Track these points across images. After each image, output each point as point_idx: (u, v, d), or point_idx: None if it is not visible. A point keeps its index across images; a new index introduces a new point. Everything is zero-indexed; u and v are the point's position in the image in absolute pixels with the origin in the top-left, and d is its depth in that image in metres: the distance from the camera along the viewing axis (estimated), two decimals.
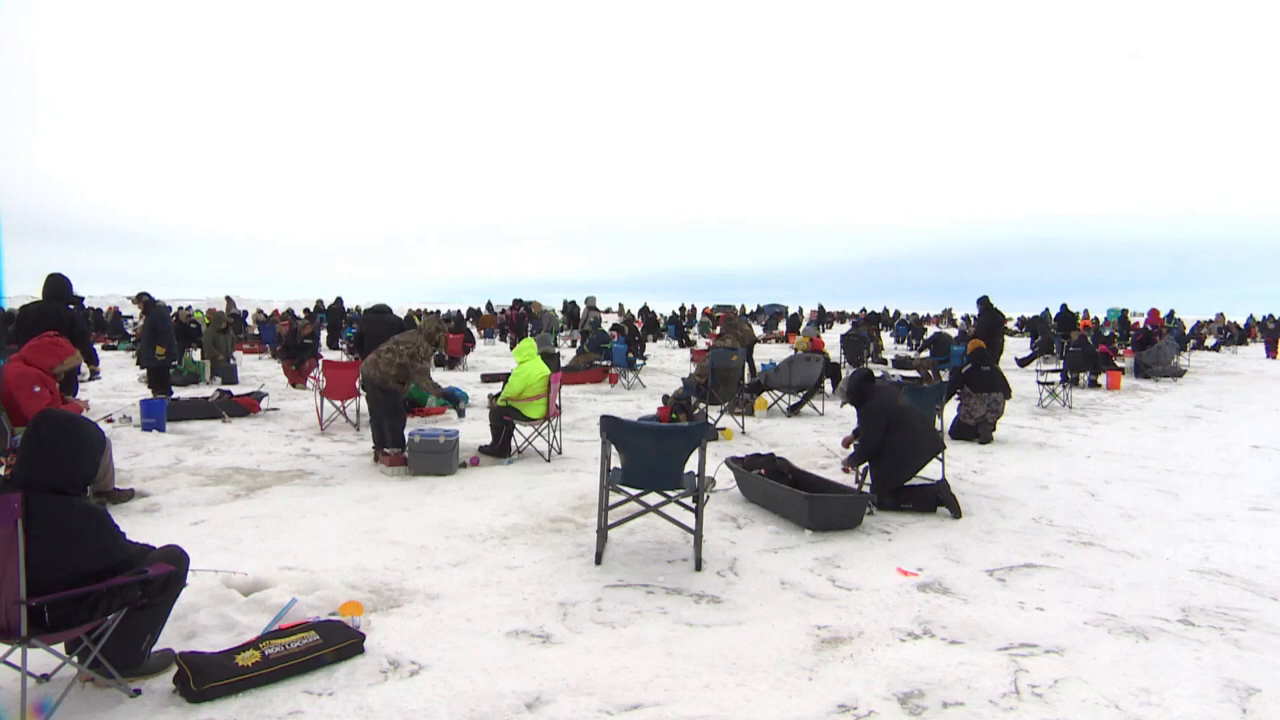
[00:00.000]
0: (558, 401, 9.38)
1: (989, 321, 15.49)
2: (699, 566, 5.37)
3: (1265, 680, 3.88)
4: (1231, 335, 35.27)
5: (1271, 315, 36.34)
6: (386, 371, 8.20)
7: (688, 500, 5.51)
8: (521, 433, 9.17)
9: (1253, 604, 4.87)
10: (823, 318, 43.01)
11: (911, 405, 7.26)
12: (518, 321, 28.88)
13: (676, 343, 29.33)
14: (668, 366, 19.89)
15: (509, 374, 9.48)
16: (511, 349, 17.68)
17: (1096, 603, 4.85)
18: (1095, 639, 4.34)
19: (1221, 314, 41.27)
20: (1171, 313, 36.50)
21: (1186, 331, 32.08)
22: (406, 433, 8.34)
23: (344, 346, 23.35)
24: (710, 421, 10.59)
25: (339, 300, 29.91)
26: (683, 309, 45.41)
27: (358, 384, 9.14)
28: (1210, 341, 33.49)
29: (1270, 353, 27.33)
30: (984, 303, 15.76)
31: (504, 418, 8.86)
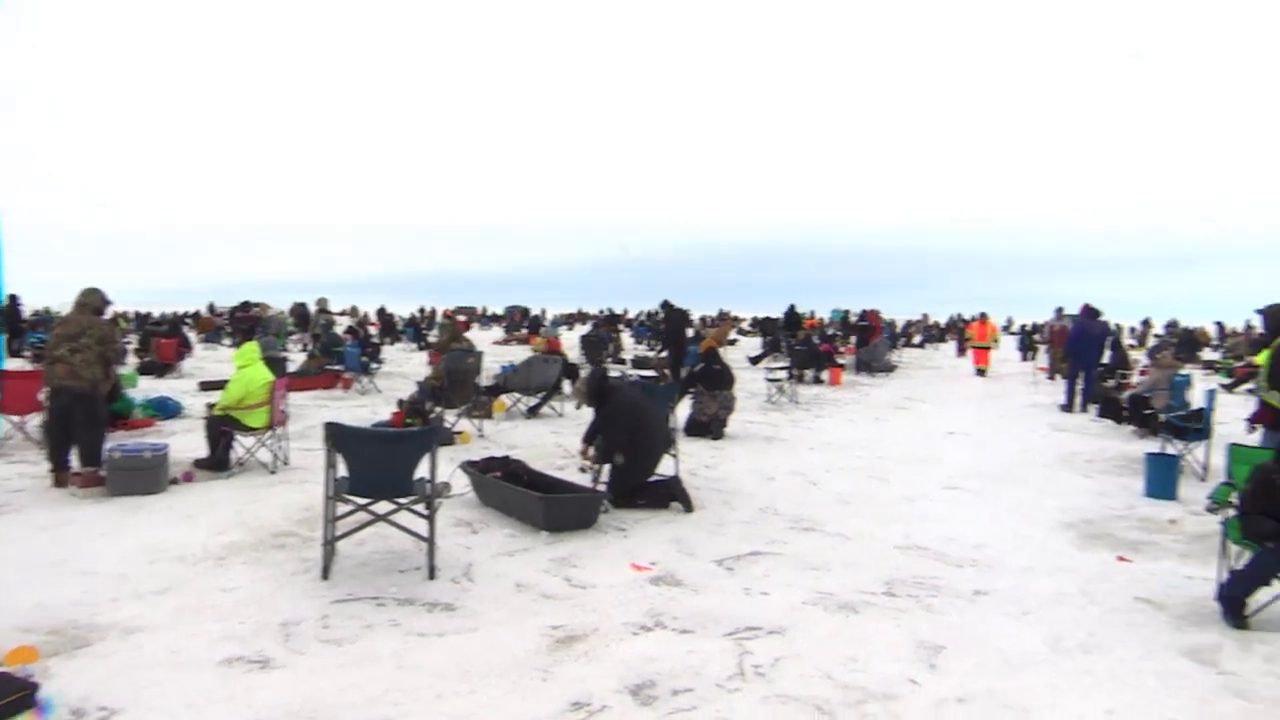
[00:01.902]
0: (283, 408, 8.91)
1: (676, 319, 16.87)
2: (433, 574, 5.36)
3: (950, 638, 4.55)
4: (934, 334, 40.59)
5: (960, 315, 42.08)
6: (93, 374, 7.48)
7: (420, 507, 5.47)
8: (243, 443, 8.58)
9: (943, 572, 5.69)
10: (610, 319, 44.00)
11: (650, 404, 7.68)
12: (243, 324, 26.88)
13: (415, 345, 28.63)
14: (405, 370, 19.40)
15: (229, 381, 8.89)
16: None
17: (814, 583, 5.42)
18: (812, 617, 4.85)
19: (926, 314, 47.24)
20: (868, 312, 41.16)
21: (898, 330, 36.42)
22: (106, 448, 7.54)
23: (28, 354, 20.63)
24: (448, 425, 10.52)
25: (13, 299, 25.92)
26: (422, 311, 44.79)
27: (42, 396, 8.06)
28: (917, 339, 38.32)
29: (960, 351, 31.58)
30: (666, 305, 17.11)
31: (222, 428, 8.29)
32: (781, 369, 17.25)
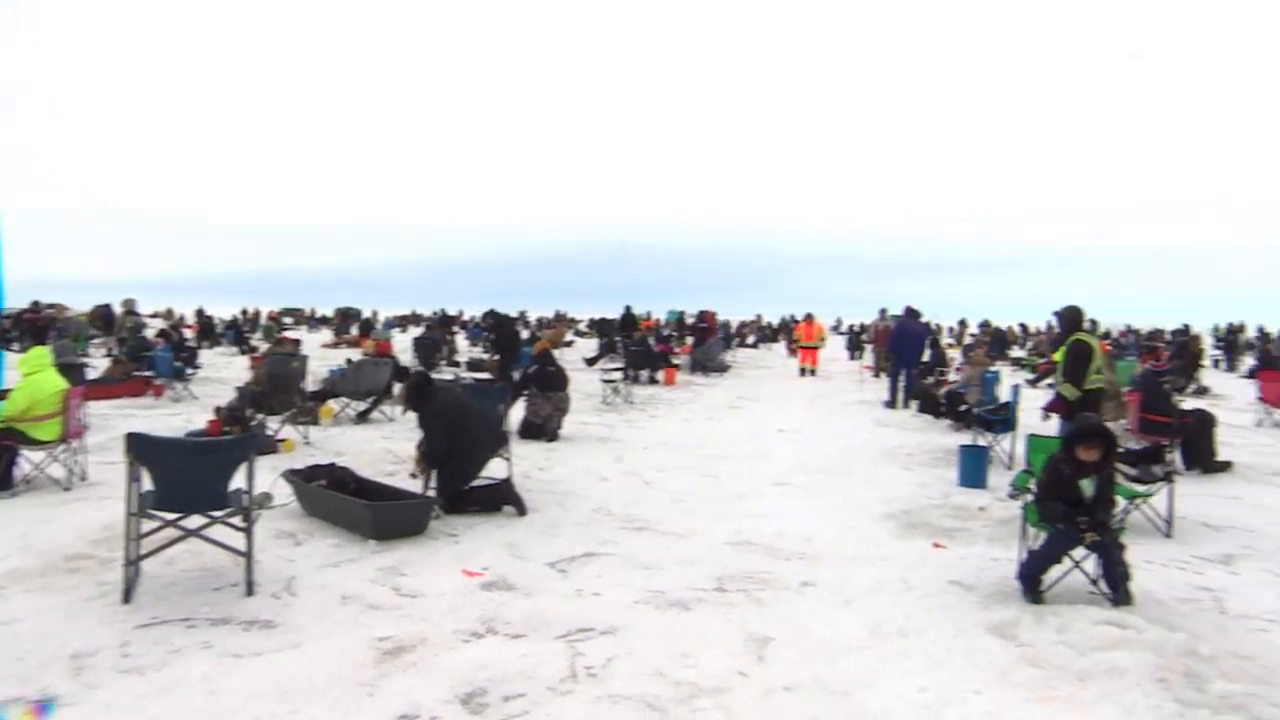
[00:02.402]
0: (80, 419, 8.24)
1: (507, 328, 17.20)
2: (251, 591, 5.11)
3: (778, 630, 4.75)
4: (767, 334, 42.18)
5: (793, 316, 43.91)
6: None
7: (237, 520, 5.20)
8: (30, 459, 7.84)
9: (772, 566, 5.92)
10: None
11: (473, 405, 7.60)
12: (31, 327, 24.49)
13: (237, 349, 27.04)
14: (224, 375, 18.30)
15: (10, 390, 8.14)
16: None
17: (647, 582, 5.52)
18: (644, 615, 4.95)
19: (759, 315, 48.97)
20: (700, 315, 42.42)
21: (733, 330, 37.61)
22: None
23: None
24: (270, 432, 10.04)
25: None
26: (245, 312, 42.63)
27: None
28: (750, 339, 39.68)
29: (790, 351, 32.93)
30: (492, 314, 17.53)
31: (4, 442, 7.55)
32: (617, 370, 17.46)
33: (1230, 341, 30.61)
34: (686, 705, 3.88)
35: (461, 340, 32.58)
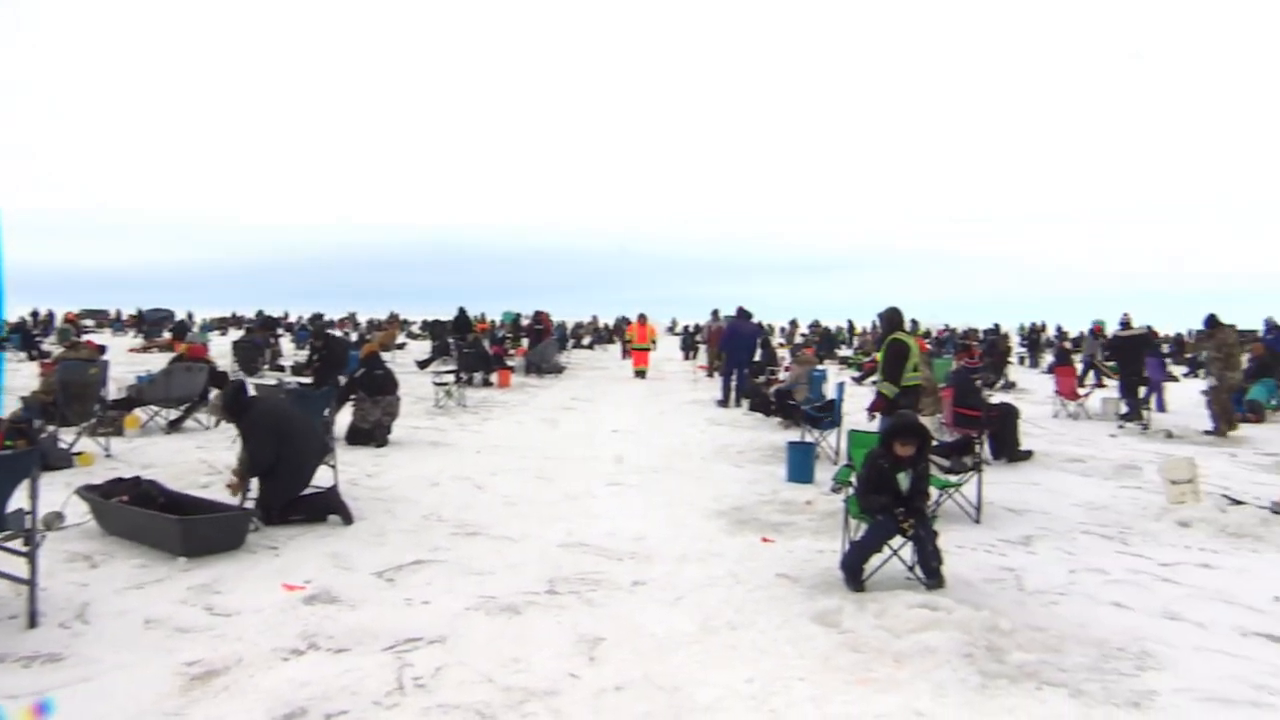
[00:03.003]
0: None
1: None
2: (34, 622, 4.69)
3: (609, 629, 4.81)
4: (602, 335, 42.52)
5: (625, 318, 44.53)
6: None
7: (17, 544, 4.76)
8: None
9: (604, 566, 5.98)
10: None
11: (297, 413, 7.30)
12: None
13: (25, 354, 24.66)
14: (11, 384, 16.70)
15: None
16: None
17: (478, 588, 5.46)
18: (475, 622, 4.89)
19: (595, 316, 49.33)
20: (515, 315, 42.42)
21: (568, 332, 37.71)
22: None
23: None
24: (63, 445, 9.27)
25: None
26: (35, 314, 39.25)
27: None
28: (586, 340, 39.91)
29: (624, 353, 33.38)
30: (317, 321, 16.75)
31: None
32: (450, 373, 17.16)
33: (1033, 340, 33.31)
34: (517, 710, 3.86)
35: (286, 343, 31.18)
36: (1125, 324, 16.55)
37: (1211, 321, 13.93)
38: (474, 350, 20.14)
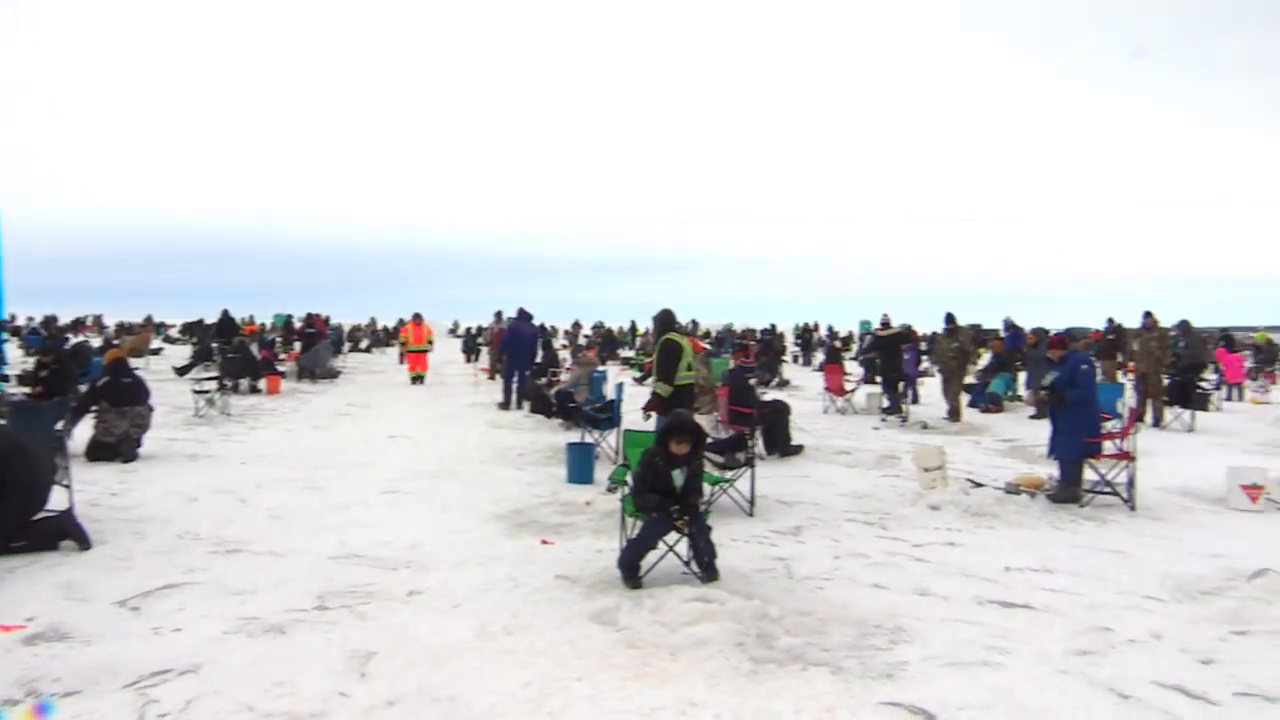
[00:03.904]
0: None
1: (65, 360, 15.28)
2: None
3: (382, 642, 4.61)
4: (380, 338, 41.15)
5: (402, 319, 43.43)
6: None
7: None
8: None
9: (377, 577, 5.74)
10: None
11: (18, 437, 6.48)
12: None
13: None
14: None
15: None
16: None
17: (239, 609, 5.08)
18: (234, 647, 4.53)
19: (374, 318, 47.64)
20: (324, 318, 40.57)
21: (344, 334, 36.19)
22: None
23: None
24: None
25: None
26: None
27: None
28: (364, 344, 38.47)
29: (401, 356, 32.44)
30: (49, 329, 15.24)
31: None
32: (212, 379, 15.97)
33: (805, 339, 35.36)
34: None
35: (12, 349, 27.86)
36: (885, 324, 17.77)
37: (950, 320, 15.34)
38: (240, 355, 18.87)
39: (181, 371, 21.18)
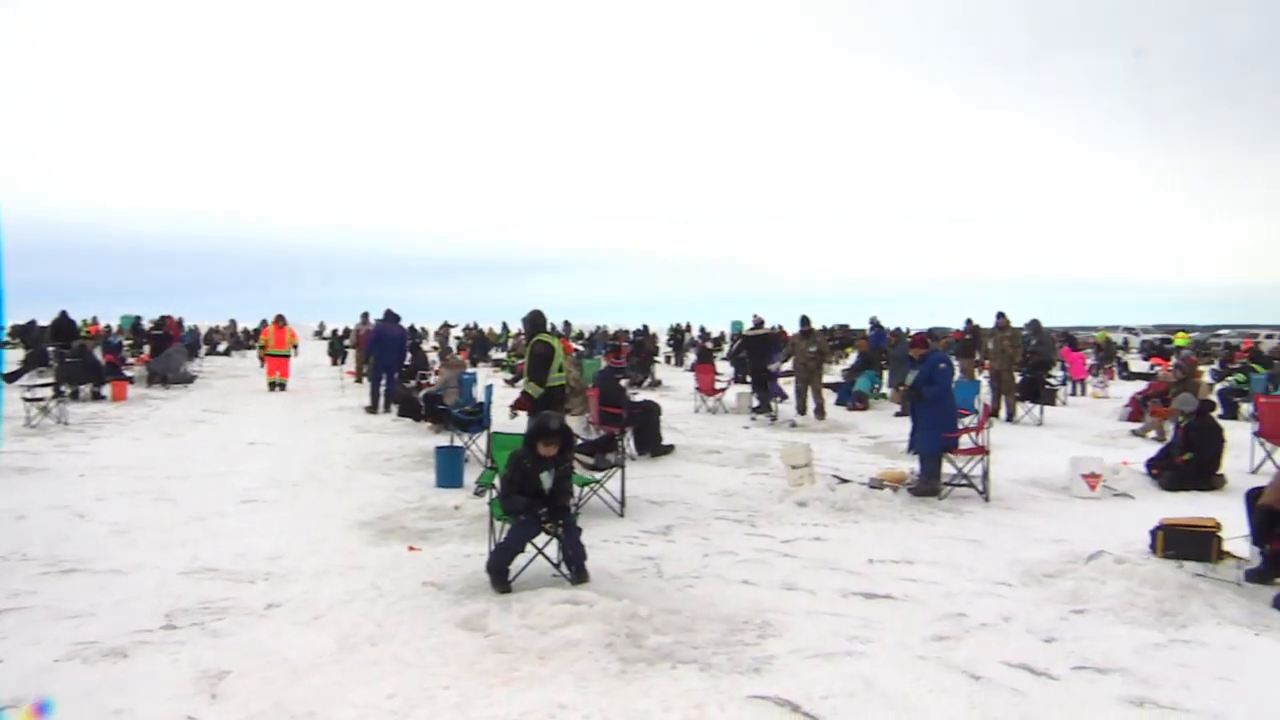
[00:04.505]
0: None
1: None
2: None
3: (237, 660, 4.40)
4: (241, 341, 39.48)
5: (265, 320, 41.91)
6: None
7: None
8: None
9: (232, 591, 5.48)
10: None
11: None
12: None
13: None
14: None
15: None
16: None
17: (73, 634, 4.75)
18: (66, 675, 4.24)
19: (234, 320, 45.63)
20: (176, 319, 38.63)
21: (201, 337, 34.52)
22: None
23: None
24: None
25: None
26: None
27: None
28: (223, 347, 36.80)
29: (261, 360, 31.22)
30: None
31: None
32: (47, 385, 14.93)
33: (678, 340, 35.77)
34: None
35: None
36: (758, 324, 18.18)
37: (805, 323, 15.86)
38: (80, 359, 17.71)
39: (11, 378, 19.68)
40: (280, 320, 21.16)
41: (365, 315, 23.45)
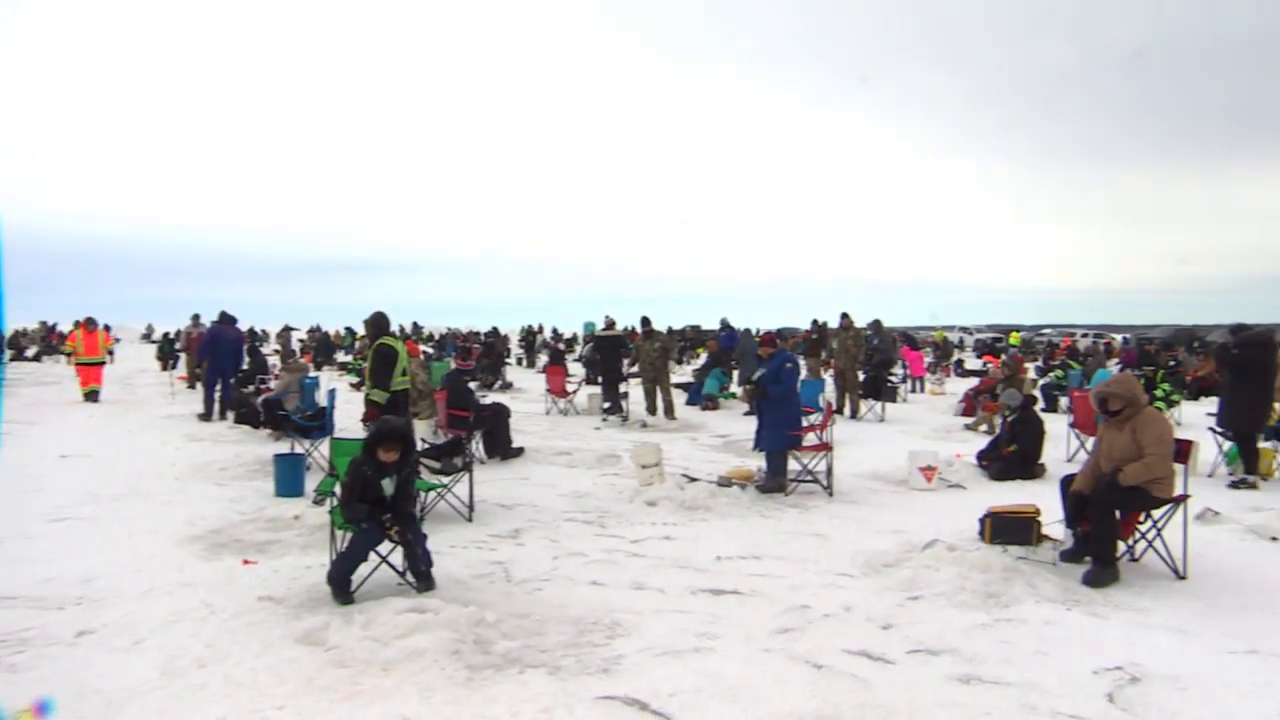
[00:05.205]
0: None
1: None
2: None
3: (38, 694, 4.03)
4: (52, 345, 36.77)
5: (77, 321, 39.20)
6: None
7: None
8: None
9: (36, 620, 5.04)
10: None
11: None
12: None
13: None
14: None
15: None
16: None
17: None
18: None
19: (44, 322, 42.37)
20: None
21: (4, 342, 31.90)
22: None
23: None
24: None
25: None
26: None
27: None
28: (31, 352, 34.14)
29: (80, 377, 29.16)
30: None
31: None
32: None
33: (529, 342, 35.52)
34: None
35: None
36: (609, 324, 18.21)
37: (646, 323, 16.06)
38: None
39: None
40: (90, 323, 18.84)
41: (196, 317, 22.24)
